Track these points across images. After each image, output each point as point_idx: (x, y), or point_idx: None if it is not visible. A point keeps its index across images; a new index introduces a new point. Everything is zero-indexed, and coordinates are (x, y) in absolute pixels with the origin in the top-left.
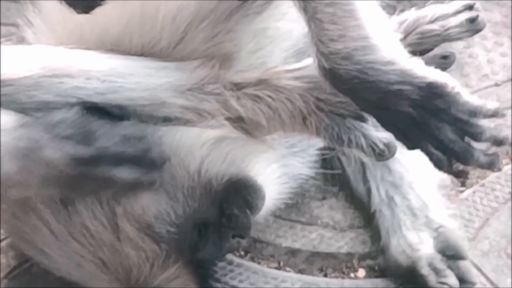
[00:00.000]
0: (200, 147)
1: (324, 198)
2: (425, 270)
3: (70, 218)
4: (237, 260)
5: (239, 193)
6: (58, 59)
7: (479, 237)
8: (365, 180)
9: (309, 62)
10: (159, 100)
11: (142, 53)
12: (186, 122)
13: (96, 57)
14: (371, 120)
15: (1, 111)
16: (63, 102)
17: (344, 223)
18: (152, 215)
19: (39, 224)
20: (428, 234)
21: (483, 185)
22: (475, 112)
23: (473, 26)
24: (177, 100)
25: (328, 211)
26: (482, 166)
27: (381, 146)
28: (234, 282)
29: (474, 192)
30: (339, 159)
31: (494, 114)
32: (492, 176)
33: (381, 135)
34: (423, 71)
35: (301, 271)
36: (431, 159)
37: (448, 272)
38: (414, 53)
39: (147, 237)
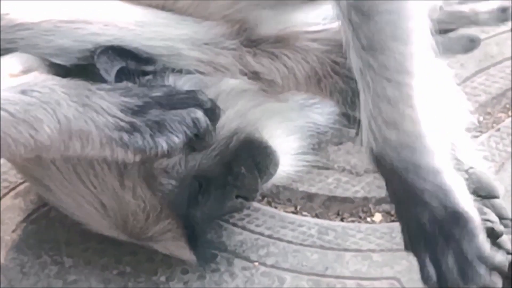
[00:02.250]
0: (226, 96)
1: (340, 143)
2: None
3: (78, 159)
4: (254, 204)
5: (250, 153)
6: (77, 5)
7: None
8: None
9: (329, 26)
10: (175, 51)
11: (162, 8)
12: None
13: (115, 5)
14: None
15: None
16: (80, 48)
17: (360, 168)
18: (163, 168)
19: (47, 161)
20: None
21: (498, 129)
22: (482, 260)
23: (503, 16)
24: (193, 53)
25: (344, 155)
26: None
27: None
28: (251, 226)
29: (489, 137)
30: None
31: (497, 268)
32: (508, 121)
33: None
34: (459, 197)
35: (317, 216)
36: (421, 269)
37: (486, 210)
38: (438, 31)
39: (148, 187)
